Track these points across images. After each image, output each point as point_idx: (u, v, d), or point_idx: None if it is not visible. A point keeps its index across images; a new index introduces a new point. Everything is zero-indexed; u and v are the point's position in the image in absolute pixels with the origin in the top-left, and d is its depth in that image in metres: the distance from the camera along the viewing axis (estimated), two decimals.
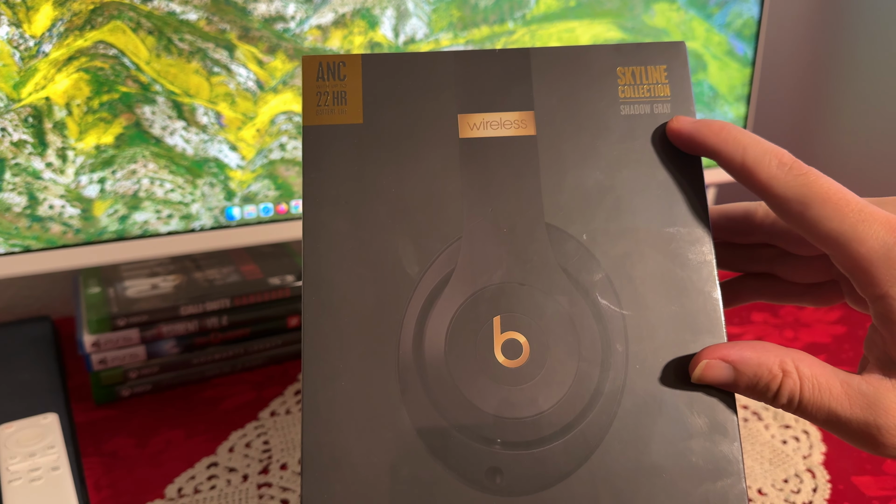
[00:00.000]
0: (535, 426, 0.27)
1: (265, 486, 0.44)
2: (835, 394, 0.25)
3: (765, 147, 0.27)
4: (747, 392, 0.26)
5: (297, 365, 0.58)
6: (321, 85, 0.29)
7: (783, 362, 0.25)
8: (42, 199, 0.46)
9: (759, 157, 0.27)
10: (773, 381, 0.25)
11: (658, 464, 0.27)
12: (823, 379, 0.25)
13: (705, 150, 0.28)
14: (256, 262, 0.61)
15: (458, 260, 0.28)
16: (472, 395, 0.27)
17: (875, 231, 0.24)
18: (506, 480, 0.26)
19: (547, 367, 0.27)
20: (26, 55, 0.44)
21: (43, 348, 0.58)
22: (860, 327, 0.65)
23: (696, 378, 0.26)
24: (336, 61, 0.29)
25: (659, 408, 0.27)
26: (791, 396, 0.25)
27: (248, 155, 0.52)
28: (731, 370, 0.26)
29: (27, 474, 0.41)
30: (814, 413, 0.25)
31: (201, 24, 0.47)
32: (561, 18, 0.58)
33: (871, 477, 0.45)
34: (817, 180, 0.26)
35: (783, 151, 0.27)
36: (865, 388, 0.25)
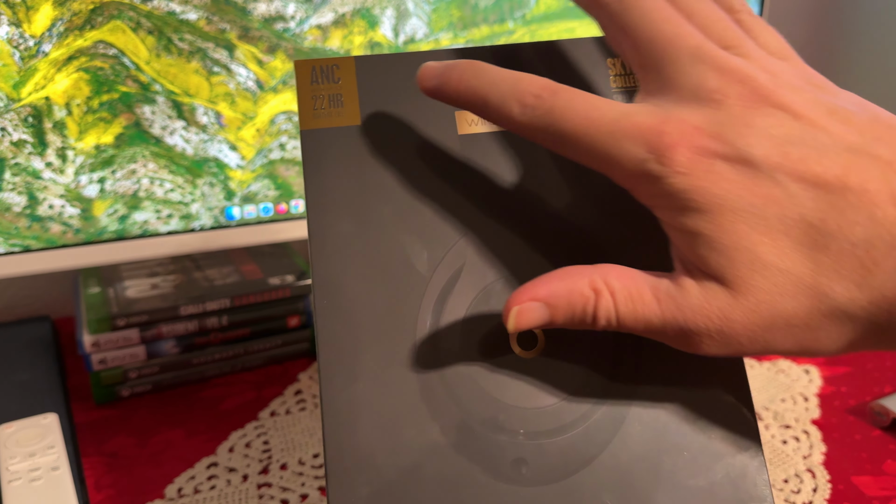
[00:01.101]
0: (556, 414, 0.27)
1: (265, 486, 0.44)
2: (647, 301, 0.24)
3: (503, 90, 0.24)
4: (568, 325, 0.25)
5: (298, 365, 0.58)
6: (316, 88, 0.29)
7: (592, 282, 0.24)
8: (42, 199, 0.46)
9: (499, 105, 0.25)
10: (588, 305, 0.24)
11: (678, 443, 0.27)
12: (635, 289, 0.24)
13: (454, 105, 0.26)
14: (256, 262, 0.61)
15: (467, 255, 0.28)
16: (492, 388, 0.27)
17: (626, 149, 0.23)
18: (531, 470, 0.26)
19: (563, 355, 0.27)
20: (26, 55, 0.44)
21: (43, 348, 0.58)
22: None
23: (512, 328, 0.24)
24: (329, 64, 0.29)
25: (678, 387, 0.27)
26: (608, 316, 0.24)
27: (247, 155, 0.52)
28: (544, 308, 0.24)
29: (27, 474, 0.41)
30: (633, 326, 0.24)
31: (201, 24, 0.47)
32: (561, 18, 0.58)
33: (871, 477, 0.45)
34: (563, 112, 0.24)
35: (525, 87, 0.24)
36: (673, 291, 0.23)
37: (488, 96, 0.25)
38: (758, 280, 0.22)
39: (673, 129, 0.22)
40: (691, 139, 0.22)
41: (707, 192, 0.22)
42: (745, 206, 0.22)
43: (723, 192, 0.22)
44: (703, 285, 0.23)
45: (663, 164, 0.22)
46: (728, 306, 0.22)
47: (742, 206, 0.22)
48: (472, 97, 0.25)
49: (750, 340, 0.23)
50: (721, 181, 0.22)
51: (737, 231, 0.22)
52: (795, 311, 0.22)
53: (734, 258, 0.22)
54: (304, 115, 0.29)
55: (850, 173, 0.21)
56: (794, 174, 0.22)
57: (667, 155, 0.22)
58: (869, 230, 0.21)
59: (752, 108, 0.23)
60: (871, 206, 0.21)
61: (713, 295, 0.23)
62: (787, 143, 0.22)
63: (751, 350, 0.23)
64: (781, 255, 0.22)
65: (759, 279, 0.22)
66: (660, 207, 0.24)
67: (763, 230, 0.22)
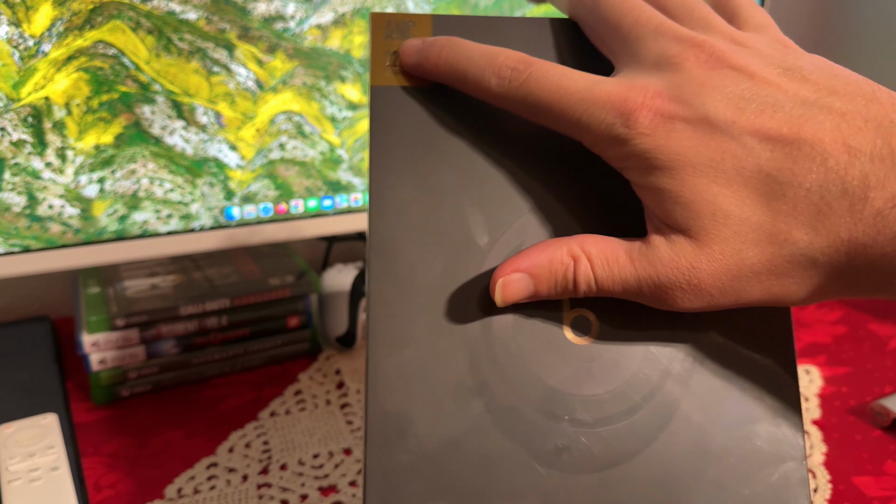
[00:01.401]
0: (603, 404, 0.26)
1: (265, 487, 0.44)
2: (622, 263, 0.25)
3: (481, 64, 0.26)
4: (552, 294, 0.26)
5: (297, 365, 0.58)
6: (389, 44, 0.28)
7: (570, 249, 0.25)
8: (41, 199, 0.46)
9: (478, 79, 0.26)
10: (568, 272, 0.25)
11: (724, 446, 0.26)
12: (610, 253, 0.25)
13: (435, 80, 0.28)
14: (256, 262, 0.61)
15: (528, 233, 0.27)
16: (541, 370, 0.27)
17: (596, 116, 0.24)
18: (572, 458, 0.26)
19: (616, 345, 0.27)
20: (26, 55, 0.44)
21: (42, 348, 0.58)
22: (860, 327, 0.65)
23: (500, 301, 0.26)
24: (405, 20, 0.28)
25: (726, 390, 0.27)
26: (587, 281, 0.25)
27: (247, 155, 0.52)
28: (528, 279, 0.26)
29: (27, 474, 0.41)
30: (611, 289, 0.25)
31: (201, 24, 0.47)
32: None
33: (872, 477, 0.45)
34: (538, 83, 0.25)
35: (501, 61, 0.26)
36: (644, 250, 0.25)
37: (467, 70, 0.26)
38: (720, 229, 0.23)
39: (636, 94, 0.24)
40: (652, 102, 0.24)
41: (669, 151, 0.23)
42: (705, 160, 0.23)
43: (683, 150, 0.23)
44: (671, 240, 0.24)
45: (628, 127, 0.24)
46: (694, 257, 0.23)
47: (701, 161, 0.23)
48: (451, 71, 0.27)
49: (720, 291, 0.24)
50: (681, 139, 0.23)
51: (698, 185, 0.23)
52: (759, 257, 0.23)
53: (697, 210, 0.23)
54: (375, 70, 0.28)
55: (804, 126, 0.22)
56: (749, 129, 0.23)
57: (631, 118, 0.24)
58: (822, 177, 0.22)
59: (709, 70, 0.24)
60: (823, 154, 0.22)
61: (680, 248, 0.24)
62: (741, 101, 0.23)
63: (722, 301, 0.24)
64: (741, 205, 0.23)
65: (722, 228, 0.23)
66: (628, 169, 0.25)
67: (722, 182, 0.23)
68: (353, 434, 0.49)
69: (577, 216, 0.28)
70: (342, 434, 0.49)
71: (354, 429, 0.50)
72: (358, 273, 0.62)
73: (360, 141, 0.55)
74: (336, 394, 0.54)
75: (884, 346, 0.61)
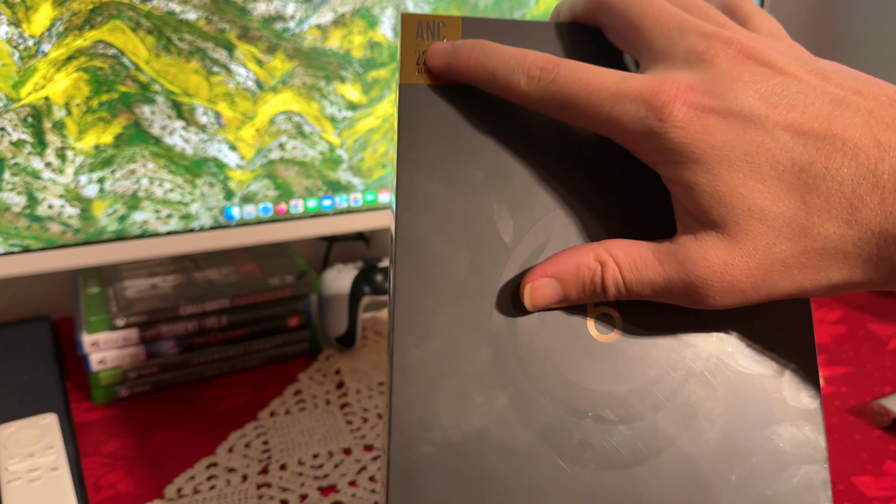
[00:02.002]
0: (626, 402, 0.27)
1: (265, 487, 0.44)
2: (650, 265, 0.25)
3: (511, 65, 0.27)
4: (581, 298, 0.26)
5: (297, 365, 0.58)
6: (420, 43, 0.29)
7: (597, 254, 0.26)
8: (41, 199, 0.46)
9: (507, 79, 0.27)
10: (596, 276, 0.26)
11: (745, 447, 0.26)
12: (638, 255, 0.25)
13: (463, 82, 0.28)
14: (256, 262, 0.61)
15: (553, 231, 0.28)
16: (565, 367, 0.27)
17: (627, 109, 0.24)
18: (595, 455, 0.26)
19: (640, 343, 0.27)
20: (25, 55, 0.44)
21: (42, 348, 0.58)
22: (860, 327, 0.65)
23: (529, 305, 0.26)
24: (436, 21, 0.29)
25: (748, 391, 0.27)
26: (616, 284, 0.25)
27: (247, 155, 0.52)
28: (556, 284, 0.26)
29: (26, 474, 0.41)
30: (641, 291, 0.25)
31: (200, 24, 0.47)
32: None
33: (872, 477, 0.45)
34: (567, 80, 0.25)
35: (530, 61, 0.26)
36: (674, 250, 0.25)
37: (496, 71, 0.27)
38: (754, 225, 0.23)
39: (669, 87, 0.24)
40: (686, 95, 0.24)
41: (703, 144, 0.23)
42: (739, 154, 0.23)
43: (718, 143, 0.23)
44: (701, 238, 0.24)
45: (662, 121, 0.24)
46: (727, 253, 0.24)
47: (736, 156, 0.23)
48: (481, 72, 0.27)
49: (752, 287, 0.24)
50: (716, 133, 0.23)
51: (732, 179, 0.23)
52: (791, 251, 0.23)
53: (731, 205, 0.23)
54: (404, 69, 0.28)
55: (835, 121, 0.23)
56: (782, 123, 0.23)
57: (665, 111, 0.24)
58: (854, 170, 0.22)
59: (739, 65, 0.24)
60: (855, 149, 0.22)
61: (711, 245, 0.24)
62: (773, 96, 0.24)
63: (754, 296, 0.24)
64: (775, 199, 0.23)
65: (756, 224, 0.23)
66: (660, 163, 0.25)
67: (757, 176, 0.23)
68: (352, 434, 0.49)
69: (602, 214, 0.28)
70: (342, 434, 0.49)
71: (354, 429, 0.50)
72: (358, 273, 0.62)
73: (360, 141, 0.55)
74: (336, 394, 0.54)
75: (884, 346, 0.61)
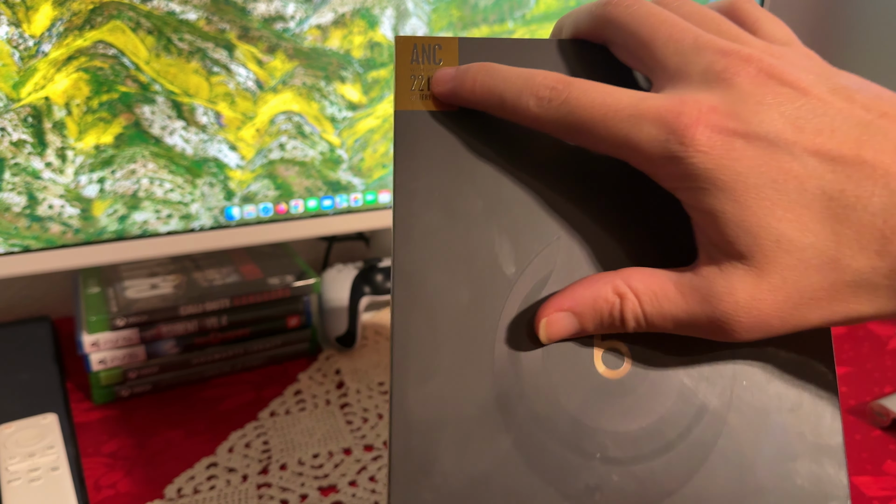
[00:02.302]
0: (636, 441, 0.25)
1: (265, 487, 0.44)
2: (672, 298, 0.24)
3: (519, 86, 0.25)
4: (599, 330, 0.25)
5: (297, 365, 0.58)
6: (415, 68, 0.28)
7: (615, 286, 0.24)
8: (41, 199, 0.46)
9: (515, 101, 0.25)
10: (614, 309, 0.24)
11: (763, 485, 0.25)
12: (658, 287, 0.24)
13: (471, 107, 0.27)
14: (256, 262, 0.61)
15: (557, 261, 0.26)
16: (571, 405, 0.26)
17: (646, 132, 0.23)
18: (605, 497, 0.25)
19: (650, 379, 0.26)
20: (26, 55, 0.44)
21: (42, 348, 0.58)
22: (860, 327, 0.65)
23: (545, 339, 0.25)
24: (431, 44, 0.28)
25: (765, 426, 0.26)
26: (636, 317, 0.24)
27: (247, 155, 0.52)
28: (572, 318, 0.25)
29: (26, 474, 0.41)
30: (662, 325, 0.24)
31: (201, 24, 0.47)
32: None
33: (871, 477, 0.45)
34: (579, 101, 0.24)
35: (539, 81, 0.25)
36: (697, 282, 0.23)
37: (504, 93, 0.25)
38: (783, 257, 0.22)
39: (690, 108, 0.22)
40: (709, 118, 0.22)
41: (729, 170, 0.22)
42: (767, 181, 0.22)
43: (744, 169, 0.22)
44: (726, 270, 0.23)
45: (684, 144, 0.22)
46: (754, 287, 0.22)
47: (763, 182, 0.22)
48: (487, 96, 0.26)
49: (780, 320, 0.23)
50: (742, 158, 0.22)
51: (760, 208, 0.22)
52: (821, 284, 0.22)
53: (759, 235, 0.22)
54: (399, 95, 0.27)
55: (864, 147, 0.22)
56: (810, 148, 0.22)
57: (687, 134, 0.22)
58: (886, 199, 0.21)
59: (762, 85, 0.23)
60: (886, 176, 0.21)
61: (738, 279, 0.23)
62: (799, 119, 0.22)
63: (782, 329, 0.23)
64: (804, 230, 0.22)
65: (785, 256, 0.22)
66: (682, 189, 0.23)
67: (785, 205, 0.22)
68: (352, 434, 0.49)
69: (609, 241, 0.27)
70: (342, 434, 0.49)
71: (354, 429, 0.50)
72: (358, 273, 0.62)
73: (360, 141, 0.55)
74: (336, 394, 0.54)
75: (884, 346, 0.61)
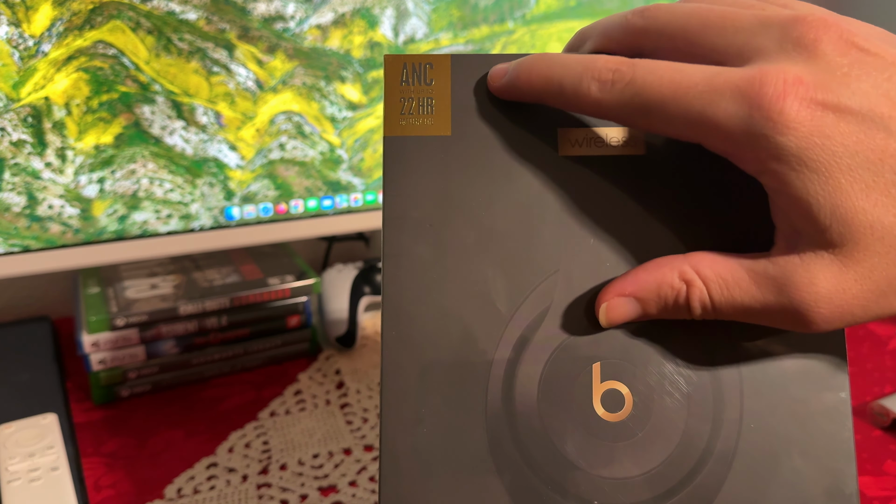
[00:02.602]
0: (636, 488, 0.24)
1: (265, 487, 0.44)
2: (744, 286, 0.22)
3: (578, 71, 0.23)
4: (663, 316, 0.24)
5: (297, 365, 0.58)
6: (405, 90, 0.26)
7: (682, 272, 0.23)
8: (41, 199, 0.46)
9: (576, 87, 0.23)
10: (680, 296, 0.23)
11: None
12: (729, 274, 0.23)
13: (530, 100, 0.25)
14: (256, 262, 0.61)
15: (554, 296, 0.25)
16: (568, 450, 0.25)
17: (724, 108, 0.21)
18: None
19: (651, 422, 0.25)
20: (25, 55, 0.44)
21: (42, 348, 0.58)
22: (860, 327, 0.65)
23: (605, 323, 0.24)
24: (422, 62, 0.26)
25: (774, 471, 0.24)
26: (703, 304, 0.23)
27: (247, 155, 0.52)
28: (634, 303, 0.24)
29: (26, 474, 0.41)
30: (731, 313, 0.23)
31: (201, 24, 0.47)
32: (561, 18, 0.58)
33: (872, 477, 0.45)
34: (646, 80, 0.22)
35: (601, 65, 0.23)
36: (772, 271, 0.22)
37: (563, 80, 0.24)
38: (875, 245, 0.20)
39: (774, 79, 0.20)
40: (796, 90, 0.20)
41: (822, 149, 0.20)
42: (862, 162, 0.20)
43: (839, 149, 0.20)
44: (808, 258, 0.21)
45: (771, 120, 0.20)
46: (839, 277, 0.21)
47: (859, 164, 0.20)
48: (546, 84, 0.24)
49: (863, 309, 0.21)
50: (835, 135, 0.20)
51: (854, 192, 0.20)
52: None
53: (853, 222, 0.20)
54: (389, 119, 0.26)
55: None
56: None
57: (774, 109, 0.20)
58: None
59: (846, 54, 0.21)
60: None
61: (821, 267, 0.21)
62: (891, 91, 0.20)
63: (862, 319, 0.22)
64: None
65: (877, 244, 0.20)
66: (768, 172, 0.21)
67: (882, 189, 0.20)
68: (352, 434, 0.49)
69: (608, 273, 0.25)
70: (342, 434, 0.49)
71: (354, 429, 0.50)
72: (358, 273, 0.62)
73: (360, 141, 0.55)
74: (336, 394, 0.54)
75: (884, 346, 0.61)
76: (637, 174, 0.26)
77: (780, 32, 0.21)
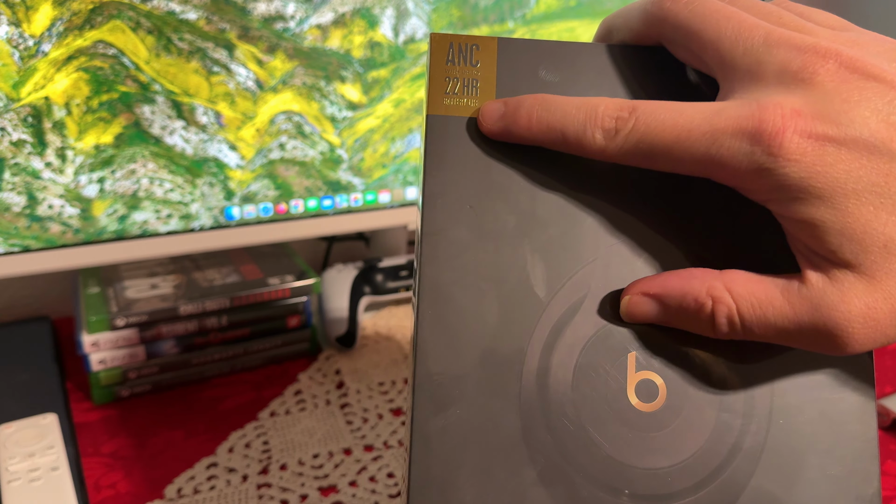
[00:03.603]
0: (666, 479, 0.24)
1: (265, 487, 0.44)
2: (777, 306, 0.22)
3: (581, 120, 0.24)
4: (680, 325, 0.24)
5: (297, 365, 0.58)
6: (451, 69, 0.26)
7: (711, 288, 0.23)
8: (41, 199, 0.46)
9: (580, 137, 0.24)
10: (703, 311, 0.23)
11: None
12: (762, 294, 0.23)
13: (526, 143, 0.25)
14: (256, 262, 0.61)
15: (592, 285, 0.25)
16: (600, 438, 0.24)
17: (728, 147, 0.22)
18: None
19: (684, 414, 0.25)
20: (26, 55, 0.44)
21: (42, 348, 0.58)
22: None
23: (625, 318, 0.24)
24: (469, 43, 0.26)
25: (799, 469, 0.24)
26: (731, 322, 0.23)
27: (247, 154, 0.52)
28: (655, 304, 0.24)
29: (26, 474, 0.41)
30: (762, 333, 0.23)
31: (201, 24, 0.47)
32: (561, 18, 0.58)
33: None
34: (648, 126, 0.23)
35: (602, 112, 0.23)
36: (806, 292, 0.22)
37: (566, 129, 0.24)
38: (893, 261, 0.21)
39: (771, 115, 0.21)
40: (794, 123, 0.21)
41: (825, 177, 0.21)
42: (867, 186, 0.21)
43: (842, 175, 0.21)
44: (836, 278, 0.22)
45: (772, 154, 0.21)
46: (869, 296, 0.21)
47: (864, 187, 0.21)
48: (547, 133, 0.24)
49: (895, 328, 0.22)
50: (837, 163, 0.21)
51: (864, 214, 0.21)
52: None
53: (867, 243, 0.21)
54: (432, 98, 0.26)
55: None
56: None
57: (774, 143, 0.21)
58: None
59: (845, 82, 0.21)
60: None
61: (850, 287, 0.21)
62: (892, 115, 0.21)
63: (893, 339, 0.22)
64: None
65: (895, 260, 0.21)
66: (775, 201, 0.22)
67: (890, 208, 0.21)
68: (352, 434, 0.49)
69: (646, 266, 0.25)
70: (342, 434, 0.49)
71: (354, 429, 0.50)
72: (358, 273, 0.62)
73: (360, 141, 0.55)
74: (336, 394, 0.54)
75: (884, 347, 0.61)
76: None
77: (782, 61, 0.22)
